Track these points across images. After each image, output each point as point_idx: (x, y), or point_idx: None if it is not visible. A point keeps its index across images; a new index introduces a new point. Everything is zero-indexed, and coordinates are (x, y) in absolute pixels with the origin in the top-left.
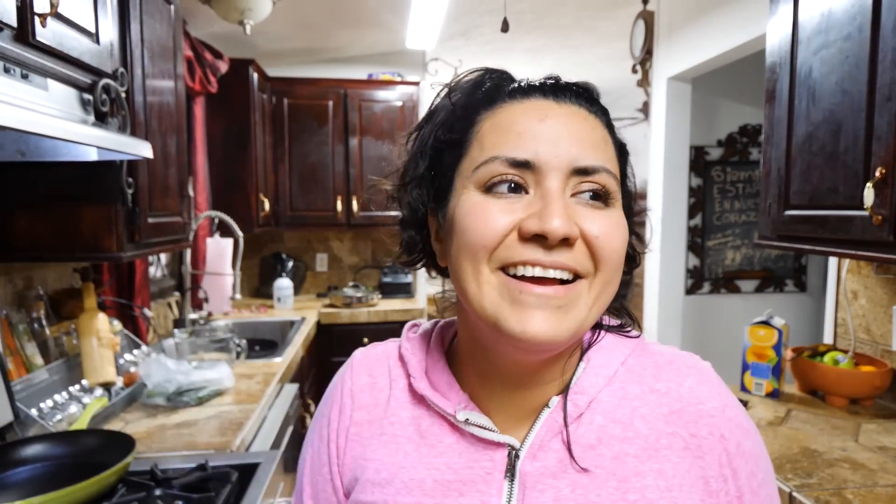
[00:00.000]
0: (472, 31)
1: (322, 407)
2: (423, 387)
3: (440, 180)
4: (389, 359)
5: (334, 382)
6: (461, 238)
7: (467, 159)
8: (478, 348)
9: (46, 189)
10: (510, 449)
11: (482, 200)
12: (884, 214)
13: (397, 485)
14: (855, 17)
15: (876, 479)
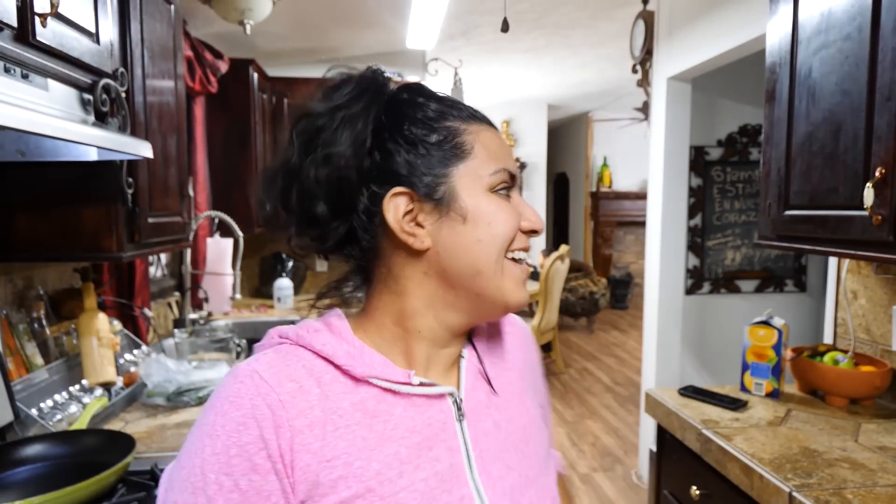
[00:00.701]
0: (472, 31)
1: (227, 442)
2: (365, 370)
3: (434, 175)
4: (300, 361)
5: (236, 405)
6: (491, 229)
7: (472, 163)
8: (430, 319)
9: (46, 189)
10: (451, 397)
11: (499, 201)
12: (883, 214)
13: (374, 468)
14: (855, 17)
15: (876, 479)
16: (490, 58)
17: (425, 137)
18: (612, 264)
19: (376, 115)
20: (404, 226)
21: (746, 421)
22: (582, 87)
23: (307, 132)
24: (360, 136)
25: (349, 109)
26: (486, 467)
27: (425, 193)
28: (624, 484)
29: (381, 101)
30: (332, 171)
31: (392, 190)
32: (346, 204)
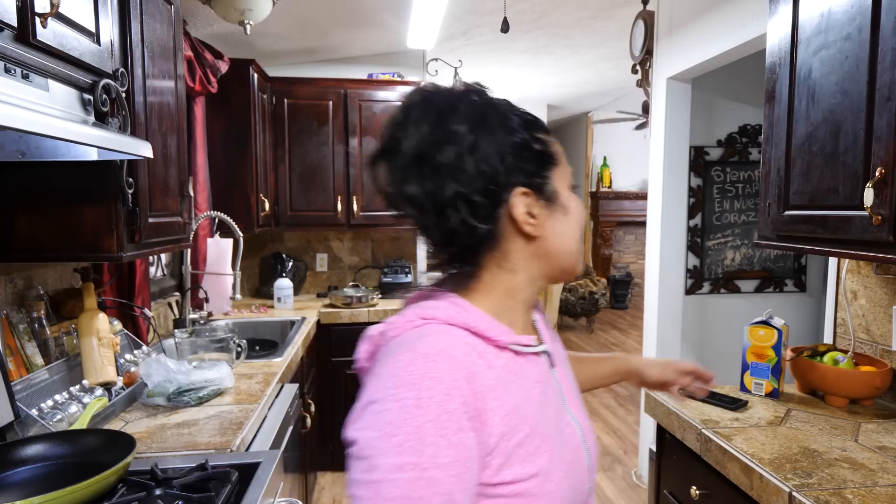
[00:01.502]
0: (472, 31)
1: (439, 409)
2: (506, 339)
3: (542, 176)
4: (461, 338)
5: (437, 379)
6: (578, 219)
7: (562, 168)
8: (530, 289)
9: (46, 189)
10: (544, 353)
11: (576, 196)
12: (883, 214)
13: (531, 412)
14: (855, 17)
15: (876, 479)
16: (490, 58)
17: (531, 144)
18: (612, 264)
19: (501, 128)
20: (527, 218)
21: (746, 421)
22: (582, 87)
23: (454, 143)
24: (500, 148)
25: (487, 123)
26: (570, 399)
27: (538, 191)
28: (624, 484)
29: (497, 113)
30: (483, 173)
31: (518, 189)
32: (485, 199)
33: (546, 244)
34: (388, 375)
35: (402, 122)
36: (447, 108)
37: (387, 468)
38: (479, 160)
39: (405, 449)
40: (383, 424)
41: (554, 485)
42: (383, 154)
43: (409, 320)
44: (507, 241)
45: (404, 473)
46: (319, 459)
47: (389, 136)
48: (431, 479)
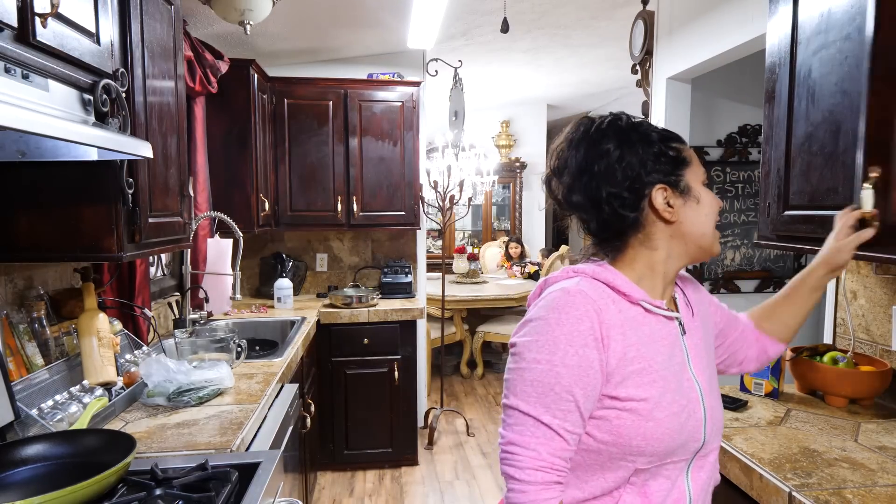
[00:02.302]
0: (472, 31)
1: (571, 327)
2: (638, 295)
3: (676, 174)
4: (600, 287)
5: (574, 307)
6: (710, 208)
7: (694, 168)
8: (669, 264)
9: (47, 189)
10: (677, 319)
11: (709, 190)
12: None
13: (650, 353)
14: (855, 17)
15: (875, 479)
16: (490, 58)
17: (667, 152)
18: None
19: (641, 143)
20: (665, 206)
21: (746, 421)
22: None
23: (606, 157)
24: (639, 156)
25: (629, 141)
26: (696, 364)
27: (674, 186)
28: None
29: (638, 133)
30: (627, 176)
31: (657, 185)
32: (632, 191)
33: (682, 227)
34: (543, 304)
35: (566, 148)
36: (598, 133)
37: (529, 360)
38: (624, 167)
39: (544, 350)
40: (533, 333)
41: (663, 415)
42: (554, 173)
43: (565, 272)
44: (649, 225)
45: (539, 365)
46: (319, 459)
47: (557, 159)
48: (558, 373)
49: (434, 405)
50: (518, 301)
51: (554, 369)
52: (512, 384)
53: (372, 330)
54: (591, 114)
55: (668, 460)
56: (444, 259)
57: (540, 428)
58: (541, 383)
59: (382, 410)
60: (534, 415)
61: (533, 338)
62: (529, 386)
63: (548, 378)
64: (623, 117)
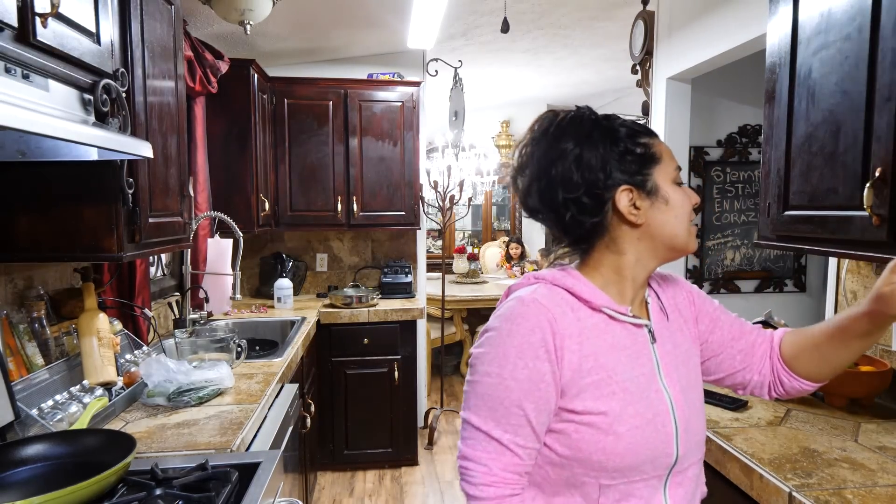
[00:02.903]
0: (472, 31)
1: (522, 340)
2: (600, 302)
3: (643, 174)
4: (559, 294)
5: (526, 318)
6: (681, 209)
7: (663, 166)
8: (637, 268)
9: (47, 189)
10: (646, 327)
11: (680, 189)
12: (882, 215)
13: (611, 363)
14: (854, 17)
15: (876, 479)
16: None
17: (633, 150)
18: None
19: (604, 141)
20: (630, 210)
21: (746, 421)
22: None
23: (563, 158)
24: (601, 156)
25: (591, 140)
26: (668, 373)
27: (640, 187)
28: None
29: (601, 129)
30: (586, 181)
31: (622, 187)
32: (594, 193)
33: (650, 230)
34: (499, 314)
35: (525, 144)
36: (558, 130)
37: (481, 373)
38: (583, 170)
39: (494, 363)
40: (486, 344)
41: (624, 429)
42: (517, 172)
43: (526, 279)
44: (615, 228)
45: (490, 378)
46: (319, 459)
47: (519, 157)
48: (508, 387)
49: (434, 405)
50: None
51: (504, 383)
52: (466, 396)
53: (372, 330)
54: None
55: (636, 478)
56: (444, 259)
57: (491, 443)
58: (491, 397)
59: (382, 410)
60: (484, 429)
61: (486, 349)
62: (480, 399)
63: (497, 392)
64: (586, 111)
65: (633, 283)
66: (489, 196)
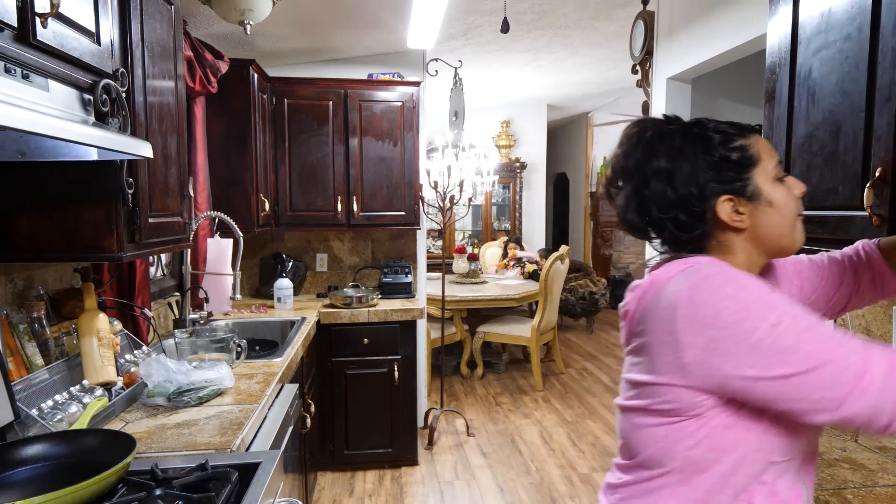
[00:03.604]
0: (472, 31)
1: (745, 281)
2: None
3: (742, 180)
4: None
5: (736, 274)
6: (785, 208)
7: (763, 166)
8: (750, 265)
9: (47, 189)
10: None
11: (782, 187)
12: (882, 215)
13: None
14: (855, 17)
15: (876, 480)
16: (490, 58)
17: (728, 155)
18: (612, 264)
19: (696, 153)
20: (732, 217)
21: None
22: (582, 87)
23: (655, 177)
24: (694, 170)
25: (682, 154)
26: None
27: (740, 194)
28: None
29: (692, 140)
30: (681, 198)
31: (721, 198)
32: (691, 210)
33: (756, 231)
34: (687, 297)
35: (618, 161)
36: (648, 148)
37: (753, 338)
38: (678, 187)
39: (754, 308)
40: (719, 312)
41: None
42: (608, 185)
43: (672, 268)
44: (720, 234)
45: (775, 329)
46: (319, 459)
47: (613, 172)
48: (795, 315)
49: (434, 405)
50: (518, 301)
51: (787, 315)
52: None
53: (372, 330)
54: (591, 115)
55: (796, 456)
56: (444, 259)
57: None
58: (789, 334)
59: (382, 410)
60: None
61: (738, 315)
62: (789, 342)
63: (795, 326)
64: (675, 122)
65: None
66: (489, 196)
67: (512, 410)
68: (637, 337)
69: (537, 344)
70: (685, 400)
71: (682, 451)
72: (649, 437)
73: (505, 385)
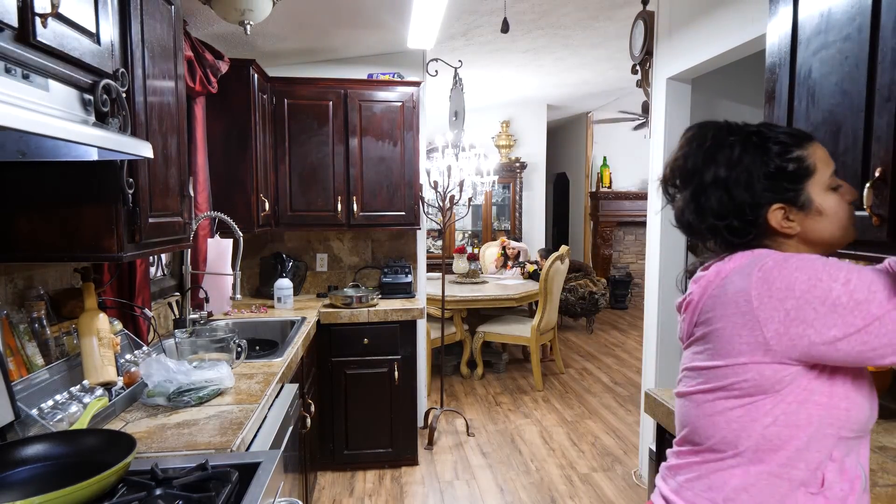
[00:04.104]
0: (472, 31)
1: (817, 260)
2: None
3: (796, 190)
4: None
5: (807, 258)
6: (835, 215)
7: (818, 177)
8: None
9: (47, 189)
10: None
11: (835, 196)
12: (882, 215)
13: None
14: (854, 17)
15: (876, 480)
16: (490, 58)
17: (785, 166)
18: (612, 264)
19: (754, 163)
20: (783, 224)
21: None
22: (582, 87)
23: (714, 185)
24: (750, 179)
25: (739, 164)
26: None
27: (793, 203)
28: (624, 484)
29: (751, 149)
30: (736, 205)
31: (773, 206)
32: (744, 217)
33: (806, 236)
34: (762, 273)
35: (681, 163)
36: (707, 154)
37: (825, 278)
38: (734, 196)
39: (824, 273)
40: (792, 281)
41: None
42: (668, 183)
43: (736, 259)
44: (772, 236)
45: (835, 281)
46: (319, 459)
47: (672, 173)
48: (860, 271)
49: (434, 405)
50: (518, 301)
51: (851, 270)
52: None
53: (372, 330)
54: (591, 115)
55: (862, 433)
56: (444, 259)
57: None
58: (840, 270)
59: (382, 410)
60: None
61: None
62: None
63: (841, 272)
64: (735, 129)
65: None
66: (489, 196)
67: (512, 410)
68: (703, 325)
69: (537, 344)
70: (767, 376)
71: (759, 429)
72: (723, 419)
73: (505, 385)
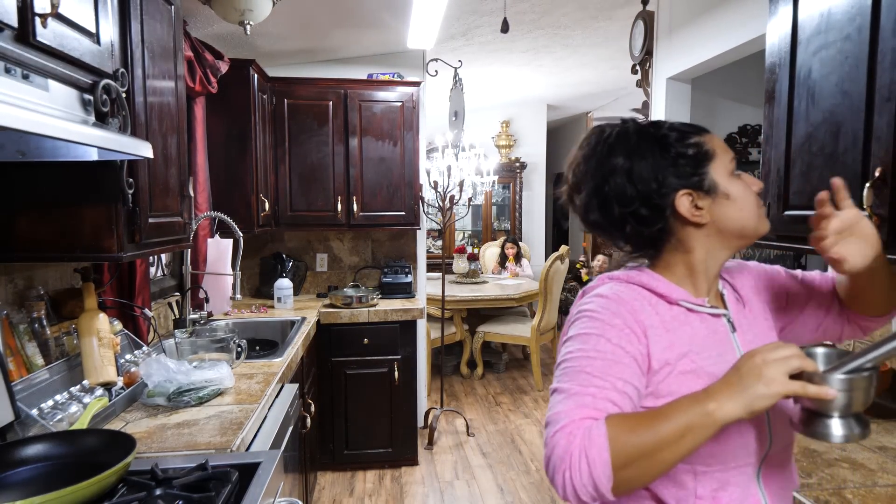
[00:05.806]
0: (472, 31)
1: (604, 324)
2: (680, 297)
3: (699, 174)
4: (636, 290)
5: (607, 308)
6: (744, 199)
7: (718, 161)
8: (709, 262)
9: (47, 189)
10: (725, 317)
11: (739, 181)
12: (882, 215)
13: (694, 349)
14: (854, 17)
15: (876, 479)
16: (490, 58)
17: (685, 152)
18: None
19: (653, 150)
20: (692, 212)
21: None
22: (582, 87)
23: (615, 174)
24: (652, 166)
25: (639, 151)
26: None
27: (698, 188)
28: None
29: (649, 138)
30: (641, 193)
31: (679, 192)
32: (651, 204)
33: (716, 225)
34: (580, 310)
35: (577, 164)
36: (606, 147)
37: (561, 355)
38: (636, 183)
39: (577, 341)
40: (571, 337)
41: None
42: (573, 190)
43: (600, 280)
44: (680, 230)
45: (572, 354)
46: (319, 459)
47: (573, 176)
48: (592, 356)
49: (434, 405)
50: (518, 301)
51: (586, 355)
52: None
53: (372, 330)
54: (591, 115)
55: (731, 464)
56: (444, 259)
57: (569, 397)
58: (573, 368)
59: (382, 410)
60: (561, 388)
61: (570, 338)
62: (563, 372)
63: (579, 362)
64: (630, 124)
65: (706, 276)
66: (489, 196)
67: (512, 410)
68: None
69: (537, 344)
70: None
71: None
72: None
73: (505, 385)
